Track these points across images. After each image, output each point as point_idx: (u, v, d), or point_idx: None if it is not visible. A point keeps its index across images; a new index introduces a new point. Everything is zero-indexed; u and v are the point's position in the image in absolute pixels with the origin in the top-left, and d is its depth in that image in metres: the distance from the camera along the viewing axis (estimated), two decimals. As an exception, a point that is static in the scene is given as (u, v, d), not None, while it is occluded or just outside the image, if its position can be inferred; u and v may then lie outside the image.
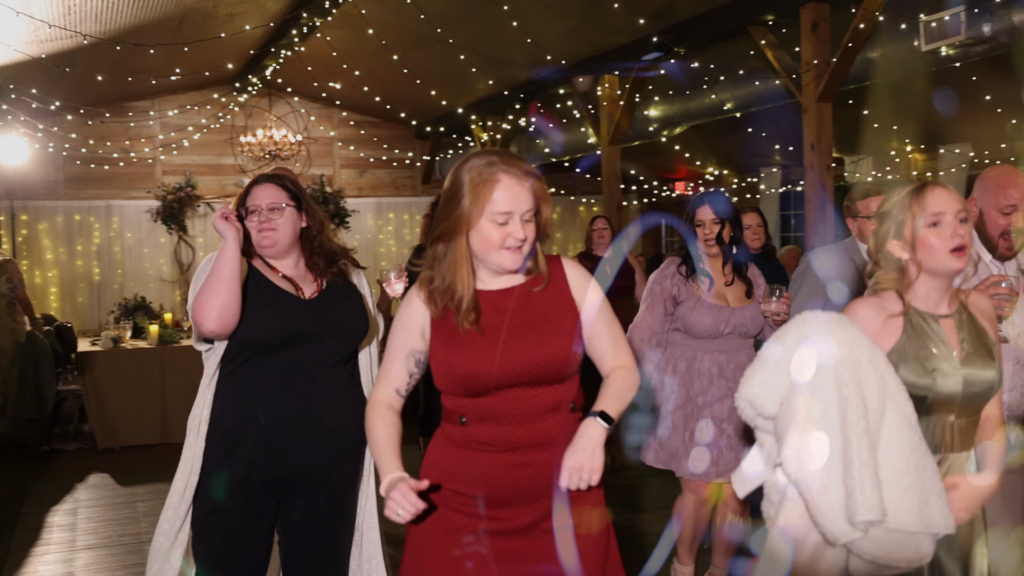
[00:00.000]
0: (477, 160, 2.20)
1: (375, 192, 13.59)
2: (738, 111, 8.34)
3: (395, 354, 2.30)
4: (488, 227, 2.18)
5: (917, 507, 2.09)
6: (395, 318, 2.33)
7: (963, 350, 2.31)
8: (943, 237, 2.27)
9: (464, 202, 2.17)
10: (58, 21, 7.96)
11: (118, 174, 12.14)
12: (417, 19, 8.23)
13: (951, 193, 2.31)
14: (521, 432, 2.20)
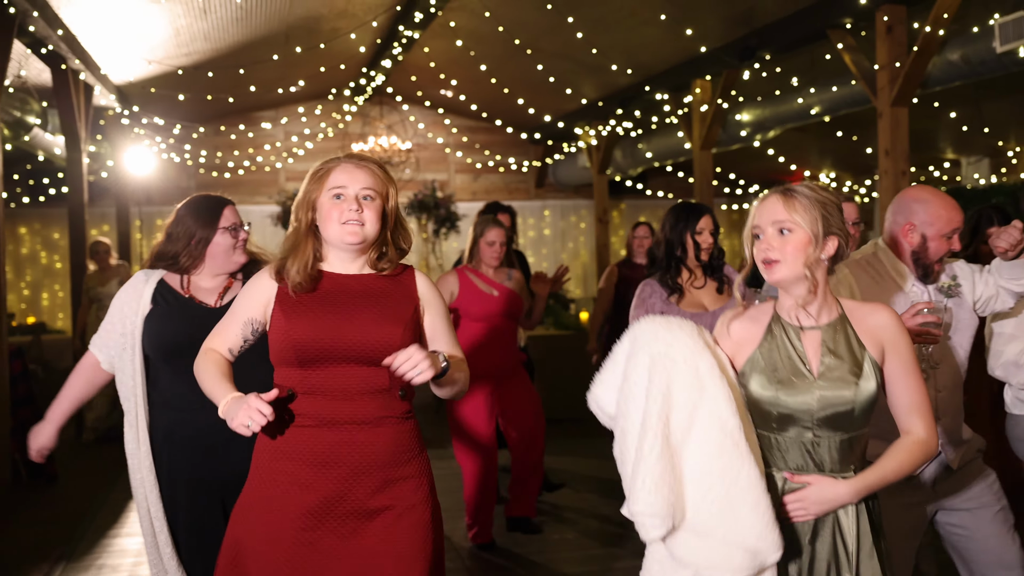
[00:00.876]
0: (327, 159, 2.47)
1: (488, 196, 13.76)
2: (825, 115, 8.11)
3: (235, 318, 2.48)
4: (327, 203, 2.41)
5: (720, 513, 2.06)
6: (244, 288, 2.54)
7: (823, 365, 2.21)
8: (758, 250, 2.25)
9: (308, 187, 2.44)
10: (169, 43, 8.50)
11: (244, 180, 12.81)
12: (509, 29, 8.40)
13: (775, 204, 2.24)
14: (348, 408, 2.34)
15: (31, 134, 8.12)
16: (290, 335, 2.38)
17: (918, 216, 2.94)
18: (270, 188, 12.88)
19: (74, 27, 7.30)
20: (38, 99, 8.30)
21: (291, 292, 2.42)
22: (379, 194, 2.44)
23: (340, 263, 2.49)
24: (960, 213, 2.93)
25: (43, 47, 7.15)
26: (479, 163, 13.55)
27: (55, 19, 6.72)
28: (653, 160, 11.17)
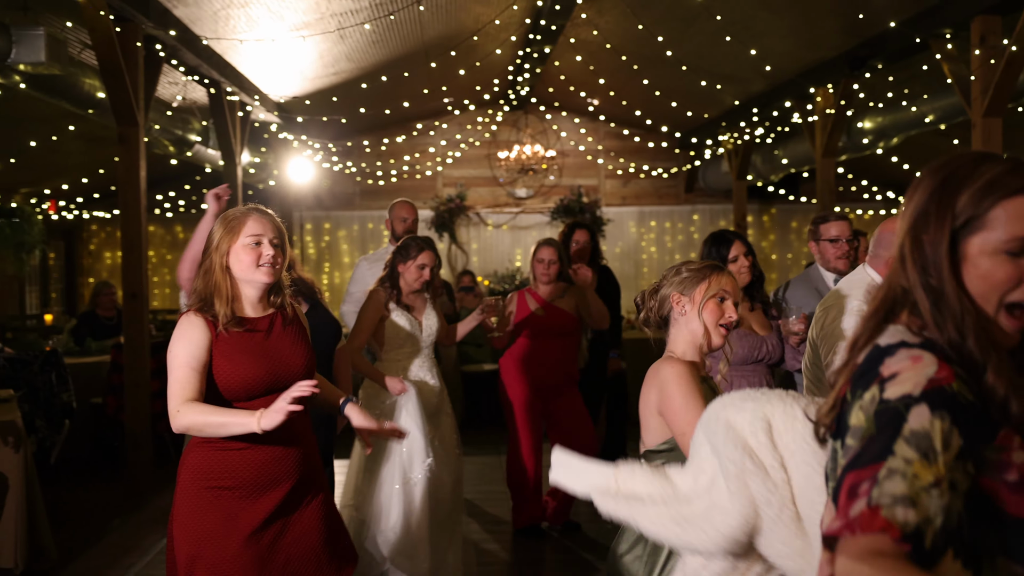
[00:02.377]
0: (230, 211, 2.90)
1: (638, 201, 14.10)
2: (940, 123, 8.02)
3: (193, 370, 2.73)
4: (243, 251, 2.82)
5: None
6: (180, 338, 2.78)
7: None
8: (728, 313, 2.72)
9: (220, 238, 2.83)
10: (316, 64, 9.35)
11: (404, 186, 13.65)
12: (642, 37, 8.74)
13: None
14: (280, 431, 2.73)
15: (193, 150, 9.17)
16: (240, 374, 2.77)
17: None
18: (428, 193, 13.67)
19: (225, 55, 8.21)
20: (199, 118, 9.35)
21: (224, 330, 2.79)
22: (282, 242, 2.93)
23: (252, 308, 2.90)
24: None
25: (196, 74, 8.10)
26: (630, 168, 13.85)
27: (204, 49, 7.61)
28: (789, 166, 11.19)
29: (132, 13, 6.18)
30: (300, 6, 7.46)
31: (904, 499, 1.26)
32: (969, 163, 1.50)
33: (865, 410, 1.38)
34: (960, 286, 1.44)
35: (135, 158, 6.54)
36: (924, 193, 1.51)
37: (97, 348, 8.41)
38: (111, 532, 5.82)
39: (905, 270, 1.50)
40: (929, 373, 1.35)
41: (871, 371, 1.42)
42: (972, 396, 1.37)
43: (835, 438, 1.52)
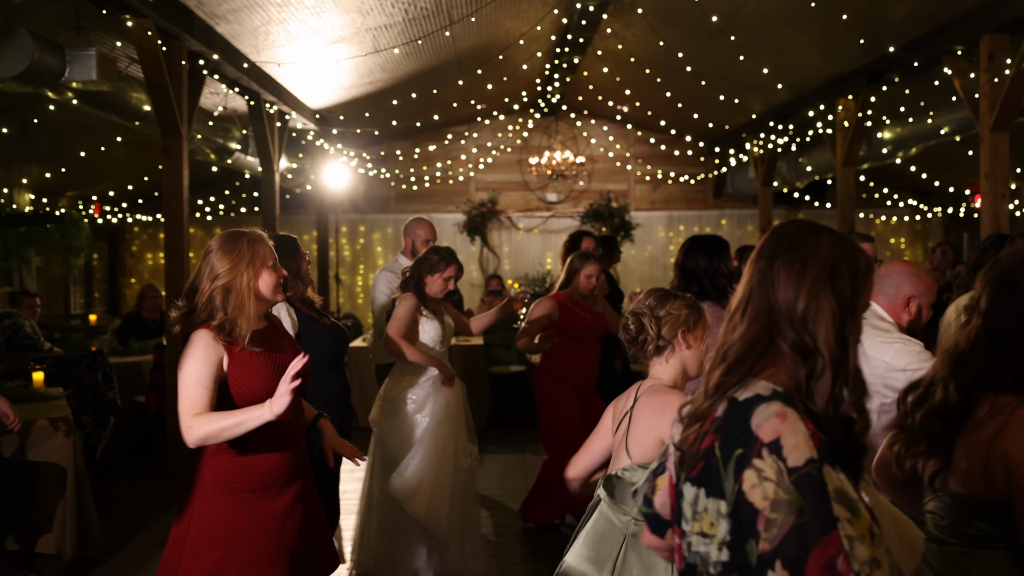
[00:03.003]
0: (244, 235, 3.11)
1: (667, 206, 14.34)
2: (955, 135, 8.23)
3: (204, 387, 2.92)
4: (269, 274, 3.10)
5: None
6: (193, 356, 2.94)
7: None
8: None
9: (248, 261, 3.06)
10: (352, 74, 9.70)
11: (438, 191, 14.02)
12: (666, 50, 9.01)
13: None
14: (293, 429, 3.07)
15: (233, 157, 9.56)
16: (257, 383, 2.99)
17: (915, 287, 3.48)
18: (460, 198, 14.00)
19: (264, 67, 8.58)
20: (239, 127, 9.74)
21: (244, 346, 2.99)
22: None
23: (257, 319, 3.11)
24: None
25: (237, 85, 8.47)
26: (658, 173, 14.09)
27: (244, 61, 7.99)
28: (814, 174, 11.40)
29: (177, 32, 6.55)
30: (336, 22, 7.80)
31: (872, 560, 1.44)
32: (850, 245, 1.72)
33: (781, 485, 1.48)
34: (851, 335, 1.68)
35: (179, 169, 6.91)
36: (832, 255, 1.69)
37: (140, 348, 8.81)
38: (154, 523, 6.19)
39: (811, 315, 1.66)
40: (805, 430, 1.53)
41: (748, 436, 1.56)
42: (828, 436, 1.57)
43: (696, 484, 1.65)
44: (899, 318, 3.47)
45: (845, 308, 1.65)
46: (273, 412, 2.84)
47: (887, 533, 2.24)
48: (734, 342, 1.69)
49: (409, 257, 5.97)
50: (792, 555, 1.45)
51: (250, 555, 2.96)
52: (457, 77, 10.28)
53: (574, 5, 8.20)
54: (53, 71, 5.75)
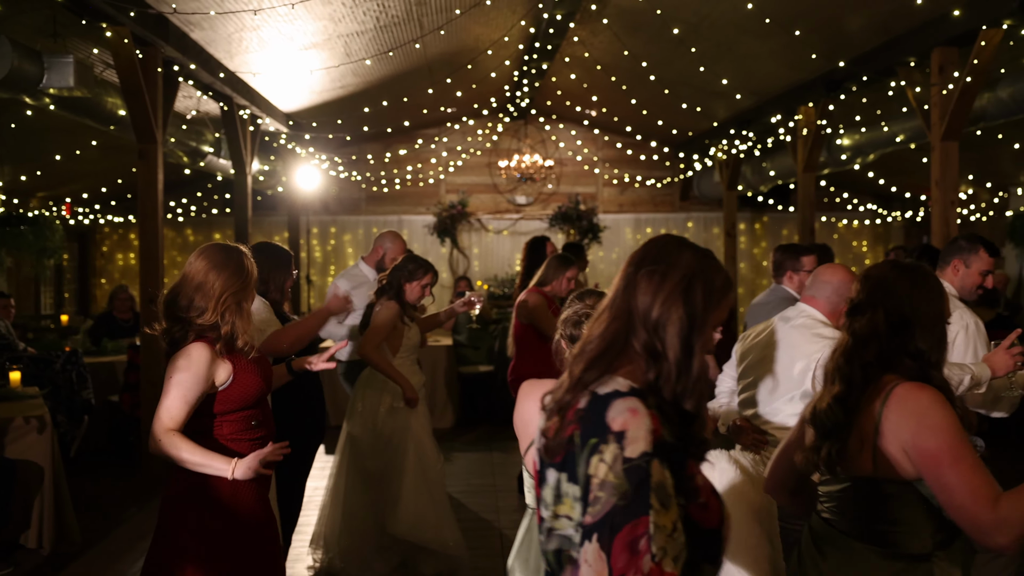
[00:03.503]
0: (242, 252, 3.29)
1: (634, 209, 14.60)
2: (910, 143, 8.50)
3: (187, 402, 3.07)
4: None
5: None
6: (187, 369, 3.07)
7: None
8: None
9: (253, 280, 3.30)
10: (324, 78, 9.84)
11: (408, 193, 14.19)
12: (631, 59, 9.24)
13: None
14: (272, 420, 3.33)
15: (205, 160, 9.69)
16: (258, 383, 3.23)
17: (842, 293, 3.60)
18: (431, 200, 14.18)
19: (238, 71, 8.71)
20: (212, 130, 9.86)
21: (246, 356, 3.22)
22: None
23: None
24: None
25: (211, 90, 8.60)
26: (625, 177, 14.35)
27: (218, 67, 8.12)
28: (776, 178, 11.68)
29: (153, 39, 6.68)
30: (308, 28, 7.95)
31: (666, 548, 1.63)
32: (710, 261, 1.89)
33: (613, 470, 1.66)
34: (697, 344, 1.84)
35: (154, 173, 7.04)
36: (690, 269, 1.86)
37: (113, 348, 8.92)
38: (128, 519, 6.33)
39: (662, 322, 1.82)
40: (648, 425, 1.69)
41: (600, 426, 1.72)
42: (672, 439, 1.74)
43: (560, 469, 1.80)
44: (838, 322, 3.59)
45: (694, 320, 1.81)
46: (233, 475, 3.04)
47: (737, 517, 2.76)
48: (594, 339, 1.85)
49: (372, 266, 6.13)
50: (606, 530, 1.63)
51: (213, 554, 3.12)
52: (428, 81, 10.45)
53: (541, 15, 8.41)
54: (31, 78, 5.88)
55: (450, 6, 7.97)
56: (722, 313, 1.88)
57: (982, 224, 12.40)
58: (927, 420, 2.22)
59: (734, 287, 2.00)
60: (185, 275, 3.21)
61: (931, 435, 2.19)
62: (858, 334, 2.41)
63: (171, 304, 3.17)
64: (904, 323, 2.37)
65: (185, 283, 3.19)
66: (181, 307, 3.16)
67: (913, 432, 2.22)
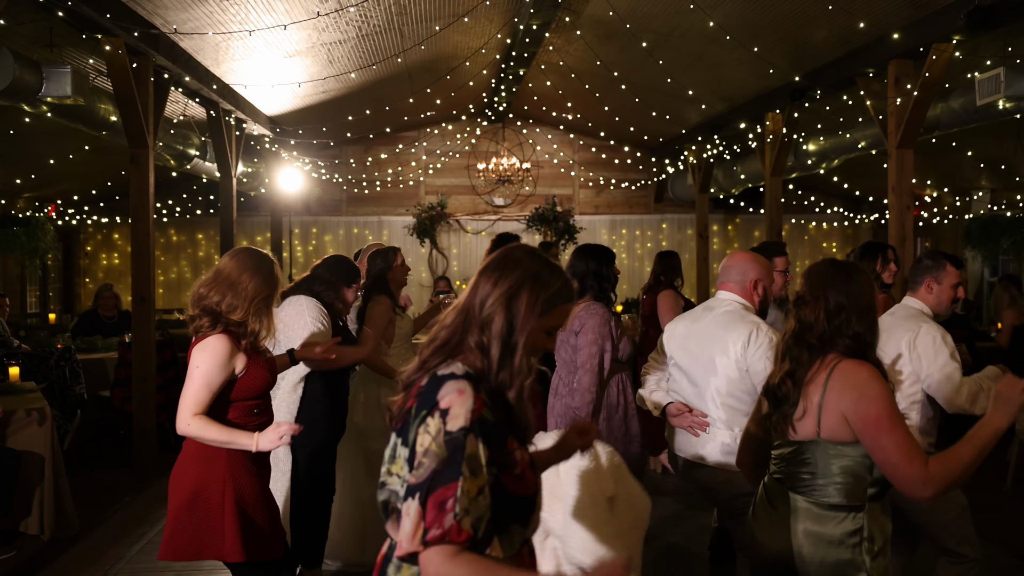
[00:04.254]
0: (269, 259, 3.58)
1: (610, 210, 14.96)
2: (871, 149, 8.89)
3: (210, 390, 3.37)
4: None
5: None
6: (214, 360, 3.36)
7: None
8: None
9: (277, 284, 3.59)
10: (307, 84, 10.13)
11: (388, 194, 14.51)
12: (602, 67, 9.59)
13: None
14: (271, 407, 3.66)
15: (192, 163, 9.97)
16: (266, 377, 3.52)
17: (761, 272, 4.09)
18: (410, 201, 14.49)
19: (224, 77, 9.00)
20: (199, 134, 10.15)
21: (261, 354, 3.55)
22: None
23: None
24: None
25: (198, 96, 8.89)
26: (600, 179, 14.72)
27: (206, 74, 8.41)
28: (747, 182, 12.06)
29: (145, 48, 6.96)
30: (293, 37, 8.24)
31: (469, 511, 1.91)
32: (547, 268, 2.15)
33: (436, 440, 1.95)
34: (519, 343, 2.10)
35: (145, 177, 7.32)
36: (522, 278, 2.11)
37: (103, 346, 9.18)
38: (123, 508, 6.61)
39: (488, 324, 2.09)
40: (470, 405, 1.98)
41: (431, 401, 2.01)
42: (493, 418, 2.03)
43: (398, 435, 2.10)
44: (751, 299, 4.05)
45: (514, 324, 2.09)
46: (257, 447, 3.36)
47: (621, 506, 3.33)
48: (443, 329, 2.17)
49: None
50: (425, 490, 1.92)
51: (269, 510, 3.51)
52: (408, 88, 10.77)
53: (518, 25, 8.74)
54: (31, 87, 6.16)
55: (430, 16, 8.29)
56: (554, 320, 2.15)
57: (944, 227, 12.85)
58: (867, 391, 2.63)
59: (571, 299, 2.20)
60: (219, 272, 3.48)
61: (870, 404, 2.61)
62: (803, 321, 2.84)
63: (203, 298, 3.44)
64: (840, 310, 2.78)
65: (219, 280, 3.46)
66: (214, 301, 3.43)
67: (855, 401, 2.63)
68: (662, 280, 7.45)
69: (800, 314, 2.86)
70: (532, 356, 2.14)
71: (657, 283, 7.50)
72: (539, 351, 2.17)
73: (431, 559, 1.93)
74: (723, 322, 3.98)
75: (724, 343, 3.90)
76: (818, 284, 2.85)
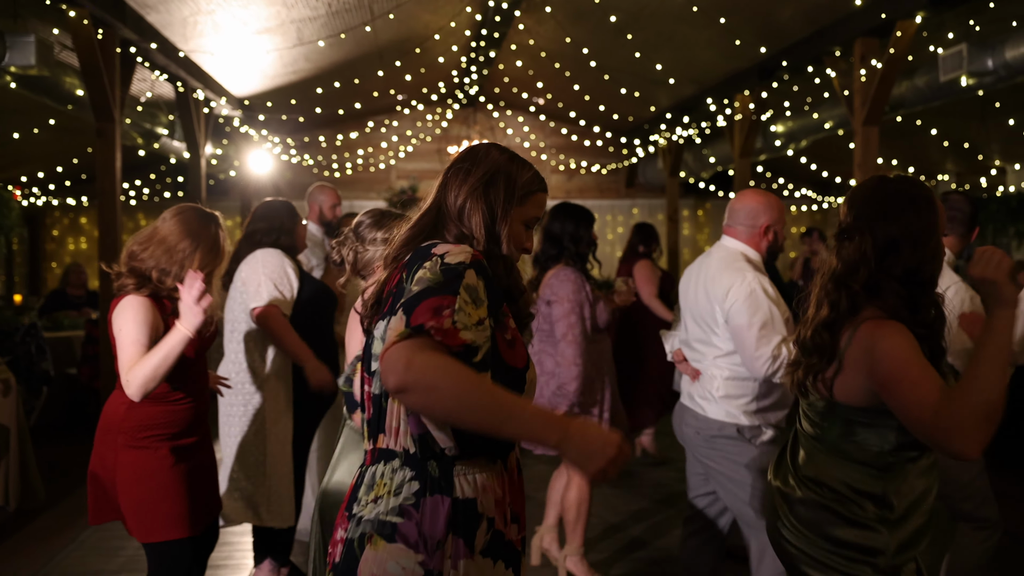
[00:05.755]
0: (211, 217, 3.36)
1: (581, 195, 14.99)
2: (838, 129, 8.97)
3: (144, 345, 3.09)
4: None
5: None
6: (133, 321, 3.09)
7: None
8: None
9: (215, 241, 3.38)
10: (276, 64, 10.09)
11: (359, 178, 14.46)
12: (570, 46, 9.61)
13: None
14: (203, 381, 3.42)
15: (160, 142, 9.90)
16: (189, 352, 3.18)
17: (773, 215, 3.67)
18: (381, 185, 14.46)
19: (192, 55, 8.94)
20: (166, 112, 10.08)
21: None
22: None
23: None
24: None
25: (166, 72, 8.83)
26: (571, 163, 14.75)
27: (172, 50, 8.35)
28: (717, 165, 12.13)
29: (111, 20, 6.91)
30: (262, 14, 8.21)
31: (469, 327, 1.75)
32: (516, 161, 2.09)
33: (431, 270, 1.81)
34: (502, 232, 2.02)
35: (112, 151, 7.26)
36: (494, 166, 2.05)
37: (69, 324, 9.10)
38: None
39: (468, 212, 2.00)
40: (470, 251, 1.88)
41: (425, 255, 1.88)
42: (492, 274, 1.93)
43: (391, 314, 1.87)
44: (759, 247, 3.63)
45: (495, 211, 2.01)
46: (190, 327, 3.02)
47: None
48: (405, 229, 2.05)
49: (318, 223, 5.99)
50: (413, 301, 1.76)
51: (170, 488, 3.21)
52: (378, 68, 10.75)
53: (487, 2, 8.74)
54: (-6, 56, 6.10)
55: (400, -7, 8.29)
56: (531, 210, 2.08)
57: (911, 210, 12.95)
58: (879, 350, 2.25)
59: (545, 189, 2.14)
60: (156, 232, 3.21)
61: (884, 363, 2.23)
62: (847, 260, 2.39)
63: (134, 257, 3.19)
64: (892, 245, 2.35)
65: (154, 241, 3.19)
66: (148, 266, 3.16)
67: (869, 365, 2.26)
68: (640, 251, 7.43)
69: (842, 252, 2.42)
70: (514, 246, 2.06)
71: (634, 253, 7.48)
72: (520, 246, 2.08)
73: (405, 347, 1.70)
74: (713, 271, 3.63)
75: (715, 293, 3.58)
76: (865, 212, 2.39)
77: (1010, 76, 6.42)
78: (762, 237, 3.62)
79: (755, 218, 3.62)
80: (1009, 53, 6.28)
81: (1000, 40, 6.43)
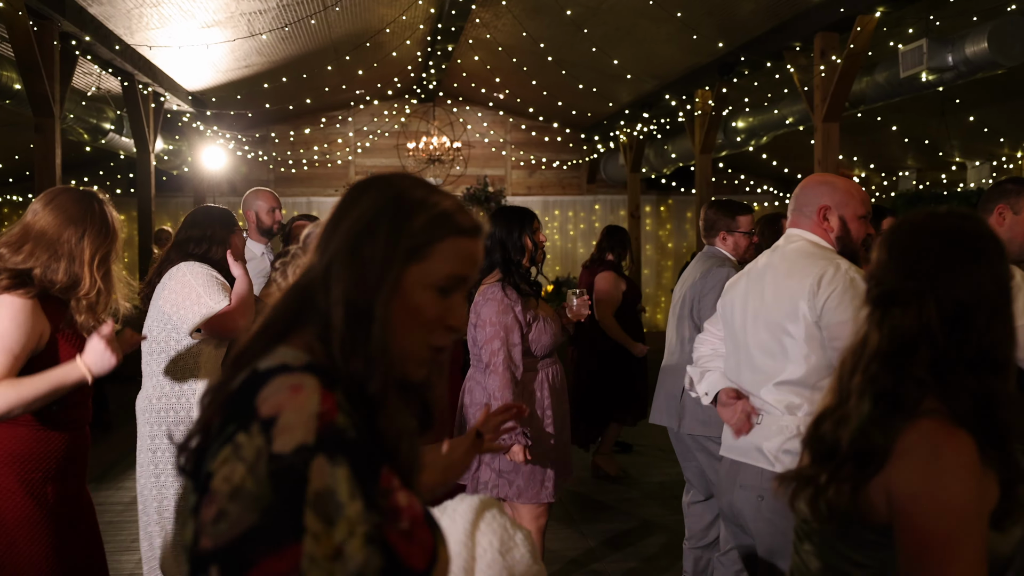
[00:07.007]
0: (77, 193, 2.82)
1: (543, 191, 14.86)
2: (799, 125, 8.88)
3: (14, 351, 2.53)
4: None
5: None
6: (11, 321, 2.52)
7: None
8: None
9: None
10: (228, 57, 9.83)
11: (317, 174, 14.22)
12: (531, 42, 9.45)
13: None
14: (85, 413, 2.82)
15: (107, 138, 9.61)
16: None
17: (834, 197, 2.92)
18: (340, 181, 14.23)
19: (139, 48, 8.67)
20: (114, 107, 9.79)
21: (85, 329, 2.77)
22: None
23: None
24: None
25: (111, 67, 8.55)
26: (532, 159, 14.60)
27: (117, 42, 8.08)
28: (678, 161, 12.03)
29: (49, 12, 6.64)
30: (210, 5, 7.96)
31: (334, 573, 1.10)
32: (420, 187, 1.34)
33: (252, 469, 1.11)
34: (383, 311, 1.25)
35: (51, 147, 7.00)
36: (373, 203, 1.30)
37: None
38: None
39: (328, 283, 1.27)
40: (314, 408, 1.15)
41: (247, 404, 1.17)
42: (355, 432, 1.19)
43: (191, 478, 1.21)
44: (826, 237, 2.88)
45: (367, 274, 1.26)
46: (95, 370, 2.55)
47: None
48: (268, 307, 1.35)
49: (256, 235, 5.58)
50: (234, 563, 1.08)
51: (36, 542, 2.60)
52: (333, 63, 10.52)
53: (443, -4, 8.56)
54: (-79, 48, 5.82)
55: (352, -15, 8.08)
56: (441, 266, 1.30)
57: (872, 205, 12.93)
58: (932, 478, 1.52)
59: (468, 231, 1.33)
60: (29, 229, 2.67)
61: (930, 507, 1.52)
62: (900, 334, 1.62)
63: (3, 260, 2.63)
64: (963, 313, 1.60)
65: (29, 238, 2.66)
66: (26, 268, 2.63)
67: (910, 496, 1.53)
68: (609, 259, 6.66)
69: (892, 322, 1.63)
70: (419, 334, 1.30)
71: (601, 259, 6.71)
72: (433, 326, 1.31)
73: None
74: (786, 267, 2.85)
75: (789, 293, 2.77)
76: (923, 266, 1.63)
77: (970, 72, 6.34)
78: (822, 222, 2.87)
79: (811, 202, 2.90)
80: (969, 49, 6.20)
81: (960, 36, 6.35)
